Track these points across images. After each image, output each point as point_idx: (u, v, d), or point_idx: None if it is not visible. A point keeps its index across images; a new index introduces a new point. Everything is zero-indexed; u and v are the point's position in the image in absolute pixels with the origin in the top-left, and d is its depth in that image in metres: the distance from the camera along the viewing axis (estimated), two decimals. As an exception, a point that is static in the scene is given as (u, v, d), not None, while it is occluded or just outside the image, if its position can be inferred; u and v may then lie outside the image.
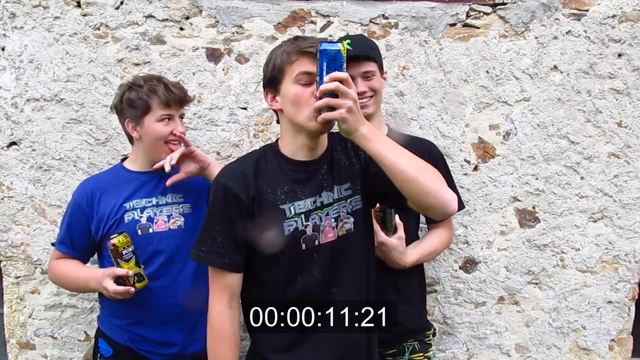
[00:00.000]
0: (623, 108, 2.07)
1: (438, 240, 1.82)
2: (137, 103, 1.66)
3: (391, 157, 1.19)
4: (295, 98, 1.26)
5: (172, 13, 2.05)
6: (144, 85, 1.67)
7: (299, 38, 1.34)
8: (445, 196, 1.23)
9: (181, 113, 1.75)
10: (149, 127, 1.68)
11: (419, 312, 1.83)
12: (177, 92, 1.69)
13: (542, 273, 2.16)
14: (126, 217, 1.69)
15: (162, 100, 1.65)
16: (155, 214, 1.72)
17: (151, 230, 1.70)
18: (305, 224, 1.32)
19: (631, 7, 2.03)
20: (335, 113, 1.16)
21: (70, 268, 1.72)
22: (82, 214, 1.71)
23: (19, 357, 2.23)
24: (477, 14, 2.05)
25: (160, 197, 1.75)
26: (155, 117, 1.67)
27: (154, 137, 1.68)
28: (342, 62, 1.16)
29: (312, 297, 1.33)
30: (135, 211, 1.70)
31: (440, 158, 1.83)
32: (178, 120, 1.72)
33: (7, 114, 2.08)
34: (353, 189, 1.38)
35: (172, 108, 1.68)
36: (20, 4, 2.03)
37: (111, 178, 1.77)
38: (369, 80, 1.67)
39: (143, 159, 1.76)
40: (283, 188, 1.32)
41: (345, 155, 1.41)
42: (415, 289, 1.82)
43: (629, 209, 2.12)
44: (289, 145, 1.35)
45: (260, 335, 1.39)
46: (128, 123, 1.70)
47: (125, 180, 1.75)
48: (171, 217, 1.74)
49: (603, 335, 2.18)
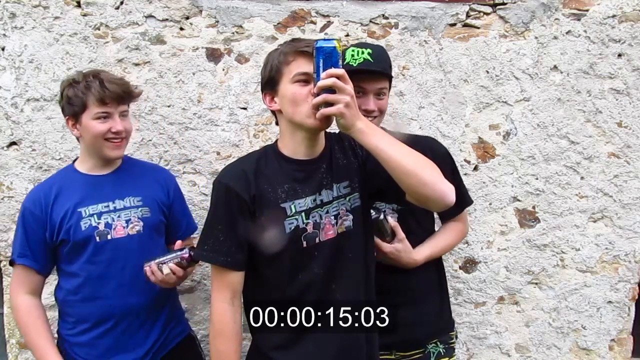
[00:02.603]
0: (623, 108, 2.08)
1: (450, 234, 1.78)
2: (74, 101, 1.58)
3: (388, 151, 1.21)
4: (293, 97, 1.28)
5: (172, 13, 2.05)
6: (81, 82, 1.59)
7: (295, 40, 1.36)
8: (442, 187, 1.25)
9: (122, 110, 1.63)
10: (86, 125, 1.59)
11: (438, 311, 1.76)
12: (115, 88, 1.59)
13: (542, 273, 2.16)
14: (82, 224, 1.60)
15: (97, 98, 1.56)
16: (113, 220, 1.63)
17: (109, 237, 1.62)
18: (306, 222, 1.33)
19: (631, 7, 2.03)
20: (333, 108, 1.18)
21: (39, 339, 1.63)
22: (36, 222, 1.62)
23: (19, 357, 2.22)
24: (477, 14, 2.05)
25: (118, 200, 1.66)
26: (91, 115, 1.58)
27: (92, 135, 1.60)
28: (338, 59, 1.18)
29: (312, 294, 1.34)
30: (92, 217, 1.62)
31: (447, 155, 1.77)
32: (117, 118, 1.61)
33: (7, 114, 2.08)
34: (352, 186, 1.40)
35: (109, 105, 1.58)
36: (20, 4, 2.03)
37: (62, 181, 1.68)
38: (381, 100, 1.63)
39: (91, 159, 1.68)
40: (283, 187, 1.34)
41: (344, 154, 1.42)
42: (433, 286, 1.77)
43: (629, 209, 2.12)
44: (288, 145, 1.37)
45: (261, 334, 1.40)
46: (68, 121, 1.63)
47: (77, 183, 1.66)
48: (130, 222, 1.65)
49: (603, 335, 2.18)
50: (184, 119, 2.10)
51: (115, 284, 1.62)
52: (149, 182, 1.75)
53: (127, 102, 1.66)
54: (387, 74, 1.63)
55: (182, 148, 2.11)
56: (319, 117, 1.22)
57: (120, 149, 1.65)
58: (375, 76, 1.59)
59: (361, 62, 1.59)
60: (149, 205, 1.70)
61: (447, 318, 1.81)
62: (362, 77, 1.57)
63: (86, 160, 1.69)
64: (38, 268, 1.65)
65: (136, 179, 1.73)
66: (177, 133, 2.10)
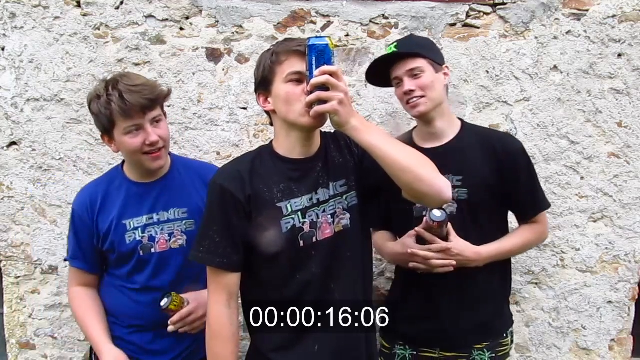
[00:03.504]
0: (623, 108, 2.07)
1: (523, 233, 1.69)
2: (101, 118, 1.50)
3: (383, 148, 1.21)
4: (286, 97, 1.28)
5: (172, 13, 2.05)
6: (102, 96, 1.48)
7: (287, 39, 1.36)
8: (439, 183, 1.24)
9: (152, 117, 1.51)
10: (120, 141, 1.52)
11: (491, 318, 1.68)
12: (135, 99, 1.45)
13: (542, 273, 2.16)
14: (127, 237, 1.59)
15: (120, 113, 1.45)
16: (156, 233, 1.61)
17: (153, 250, 1.61)
18: (303, 221, 1.33)
19: (631, 7, 2.03)
20: (327, 106, 1.18)
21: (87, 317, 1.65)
22: (84, 227, 1.62)
23: (19, 357, 2.23)
24: (477, 14, 2.05)
25: (162, 212, 1.62)
26: (121, 131, 1.49)
27: (128, 151, 1.54)
28: (330, 56, 1.18)
29: (311, 294, 1.34)
30: (136, 231, 1.60)
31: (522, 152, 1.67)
32: (149, 128, 1.50)
33: (7, 114, 2.08)
34: (348, 185, 1.39)
35: (135, 118, 1.47)
36: (20, 4, 2.03)
37: (109, 185, 1.65)
38: (417, 78, 1.58)
39: (135, 170, 1.63)
40: (279, 186, 1.33)
41: (339, 153, 1.42)
42: (492, 291, 1.69)
43: (629, 209, 2.12)
44: (283, 145, 1.37)
45: (261, 335, 1.39)
46: (103, 138, 1.57)
47: (122, 189, 1.63)
48: (172, 236, 1.62)
49: (603, 335, 2.18)
50: (184, 119, 2.10)
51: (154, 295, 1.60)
52: (197, 189, 1.67)
53: (156, 107, 1.53)
54: (413, 53, 1.59)
55: (182, 148, 2.11)
56: (313, 115, 1.22)
57: (160, 159, 1.56)
58: (402, 60, 1.59)
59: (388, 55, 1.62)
60: (194, 218, 1.64)
61: (500, 326, 1.72)
62: (394, 69, 1.60)
63: (132, 169, 1.64)
64: (89, 269, 1.67)
65: (183, 187, 1.67)
66: (177, 133, 2.10)
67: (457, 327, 1.64)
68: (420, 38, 1.74)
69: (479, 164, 1.61)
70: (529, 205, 1.68)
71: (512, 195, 1.64)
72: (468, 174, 1.48)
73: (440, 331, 1.65)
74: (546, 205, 1.70)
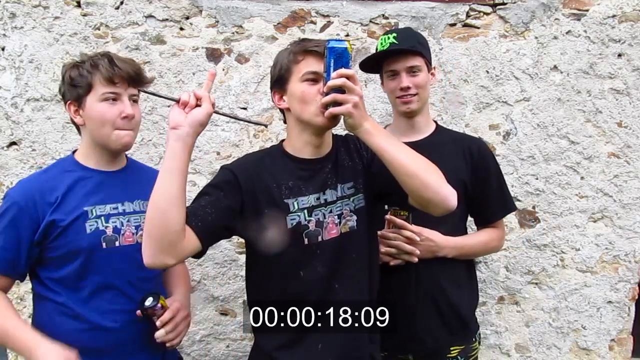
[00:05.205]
0: (623, 108, 2.08)
1: (485, 235, 1.73)
2: (78, 81, 1.39)
3: (392, 152, 1.23)
4: (302, 95, 1.30)
5: (172, 13, 2.05)
6: (87, 61, 1.41)
7: (304, 39, 1.38)
8: (445, 191, 1.26)
9: (131, 93, 1.43)
10: (92, 108, 1.39)
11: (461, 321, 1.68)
12: (125, 67, 1.40)
13: (542, 273, 2.16)
14: (88, 226, 1.40)
15: (105, 76, 1.37)
16: (122, 224, 1.44)
17: (117, 243, 1.43)
18: (308, 219, 1.34)
19: (631, 7, 2.03)
20: (342, 108, 1.20)
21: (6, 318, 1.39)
22: (28, 218, 1.38)
23: (19, 357, 2.22)
24: (477, 14, 2.06)
25: (127, 203, 1.47)
26: (97, 96, 1.39)
27: (98, 121, 1.40)
28: (348, 60, 1.20)
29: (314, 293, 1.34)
30: (99, 220, 1.41)
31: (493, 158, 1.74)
32: (127, 101, 1.41)
33: (7, 114, 2.08)
34: (356, 187, 1.41)
35: (117, 85, 1.39)
36: (20, 4, 2.03)
37: (62, 173, 1.45)
38: (415, 76, 1.61)
39: (95, 152, 1.46)
40: (287, 183, 1.35)
41: (349, 156, 1.44)
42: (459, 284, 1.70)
43: (629, 209, 2.12)
44: (295, 144, 1.38)
45: (262, 334, 1.40)
46: (69, 106, 1.43)
47: (82, 177, 1.45)
48: (139, 229, 1.44)
49: (603, 335, 2.18)
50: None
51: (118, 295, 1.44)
52: None
53: (138, 86, 1.45)
54: (414, 50, 1.60)
55: (182, 148, 2.11)
56: (327, 116, 1.24)
57: (129, 137, 1.44)
58: (403, 55, 1.60)
59: (387, 46, 1.61)
60: None
61: (470, 332, 1.71)
62: (391, 61, 1.60)
63: (90, 153, 1.47)
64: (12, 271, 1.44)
65: (145, 182, 1.43)
66: (177, 133, 2.10)
67: (430, 335, 1.64)
68: (418, 34, 1.74)
69: (454, 160, 1.65)
70: (499, 205, 1.72)
71: (480, 194, 1.68)
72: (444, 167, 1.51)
73: (414, 339, 1.65)
74: (514, 207, 1.78)
